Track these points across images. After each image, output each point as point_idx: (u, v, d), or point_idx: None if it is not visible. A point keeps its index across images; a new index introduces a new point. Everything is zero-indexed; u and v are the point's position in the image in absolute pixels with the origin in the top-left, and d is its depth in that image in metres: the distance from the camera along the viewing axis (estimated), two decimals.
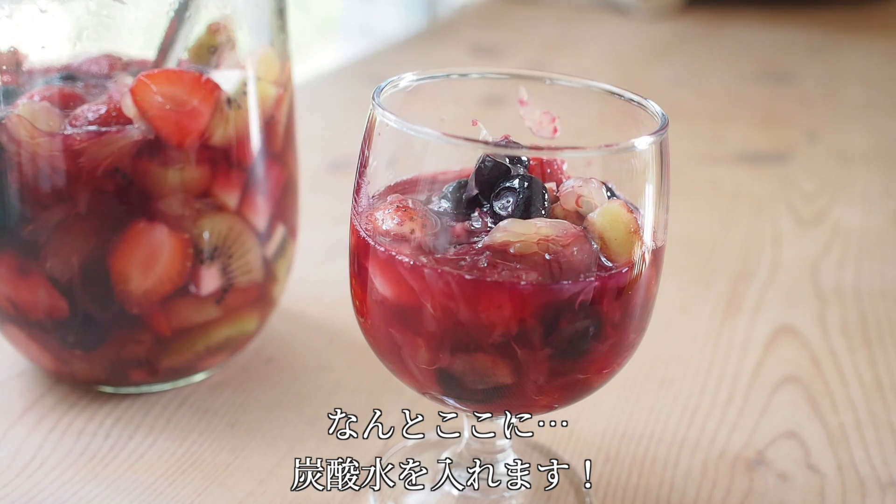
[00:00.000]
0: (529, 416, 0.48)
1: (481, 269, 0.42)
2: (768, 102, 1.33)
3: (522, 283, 0.41)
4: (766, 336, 0.73)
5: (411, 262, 0.43)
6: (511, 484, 0.54)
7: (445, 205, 0.46)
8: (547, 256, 0.42)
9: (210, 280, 0.57)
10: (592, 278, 0.42)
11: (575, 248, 0.42)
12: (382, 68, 1.39)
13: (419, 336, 0.44)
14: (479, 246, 0.43)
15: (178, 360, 0.60)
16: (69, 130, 0.52)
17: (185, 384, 0.63)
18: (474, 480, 0.54)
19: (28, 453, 0.55)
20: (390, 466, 0.56)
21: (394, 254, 0.43)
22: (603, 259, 0.43)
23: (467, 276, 0.42)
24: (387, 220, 0.44)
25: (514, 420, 0.53)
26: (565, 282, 0.42)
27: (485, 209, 0.45)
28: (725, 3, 1.88)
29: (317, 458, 0.56)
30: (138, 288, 0.55)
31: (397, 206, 0.44)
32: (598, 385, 0.48)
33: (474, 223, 0.44)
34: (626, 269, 0.44)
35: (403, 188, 0.48)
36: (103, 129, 0.52)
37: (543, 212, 0.44)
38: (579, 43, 1.61)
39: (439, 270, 0.42)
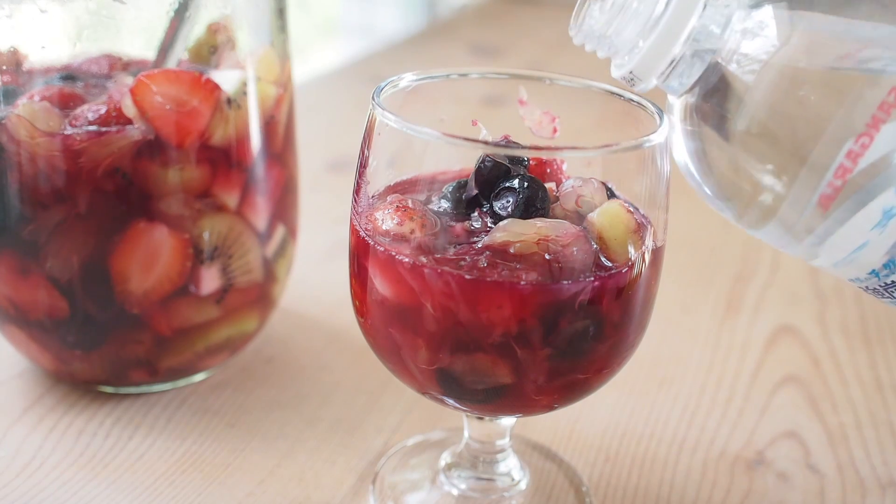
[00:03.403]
0: (529, 415, 0.48)
1: (481, 269, 0.42)
2: None
3: (522, 283, 0.41)
4: (766, 336, 0.73)
5: (411, 262, 0.43)
6: (511, 484, 0.54)
7: (445, 205, 0.46)
8: (547, 256, 0.42)
9: (210, 280, 0.57)
10: (592, 278, 0.42)
11: (575, 248, 0.42)
12: (382, 68, 1.39)
13: (419, 336, 0.44)
14: (479, 246, 0.43)
15: (178, 360, 0.60)
16: (69, 130, 0.52)
17: (185, 384, 0.63)
18: (474, 480, 0.54)
19: (28, 453, 0.55)
20: (390, 466, 0.56)
21: (394, 254, 0.43)
22: (603, 259, 0.43)
23: (467, 276, 0.42)
24: (387, 220, 0.44)
25: (514, 420, 0.53)
26: (565, 282, 0.42)
27: (485, 209, 0.45)
28: None
29: (317, 458, 0.57)
30: (138, 288, 0.55)
31: (397, 206, 0.44)
32: (598, 385, 0.48)
33: (474, 223, 0.44)
34: (625, 269, 0.44)
35: (403, 188, 0.48)
36: (103, 129, 0.52)
37: (543, 212, 0.44)
38: None
39: (439, 270, 0.42)
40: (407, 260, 0.43)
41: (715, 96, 0.41)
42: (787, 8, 0.40)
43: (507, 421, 0.52)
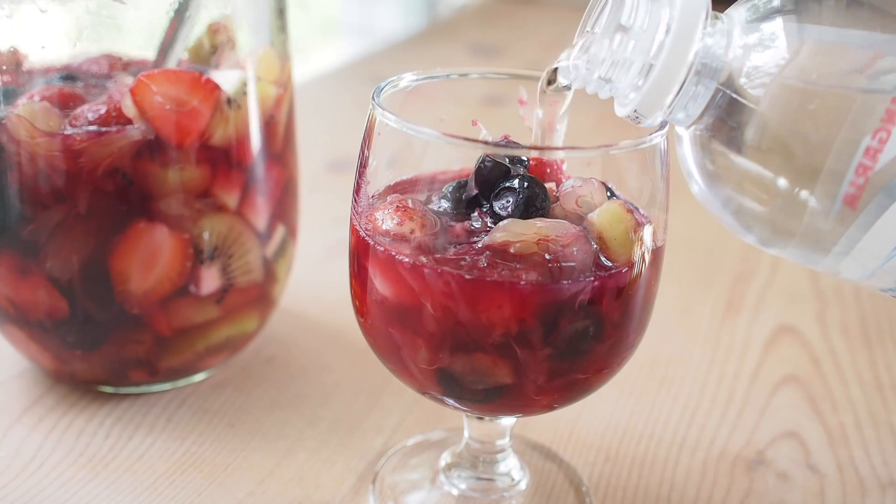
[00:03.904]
0: (529, 415, 0.48)
1: (481, 269, 0.42)
2: None
3: (522, 283, 0.41)
4: (766, 336, 0.73)
5: (411, 262, 0.43)
6: (511, 484, 0.54)
7: (445, 205, 0.46)
8: (547, 256, 0.42)
9: (210, 280, 0.57)
10: (592, 278, 0.42)
11: (575, 248, 0.42)
12: (382, 68, 1.39)
13: (419, 336, 0.44)
14: (479, 246, 0.43)
15: (178, 360, 0.60)
16: (69, 130, 0.52)
17: (185, 384, 0.63)
18: (474, 480, 0.54)
19: (28, 453, 0.55)
20: (390, 466, 0.56)
21: (394, 254, 0.43)
22: (603, 259, 0.43)
23: (467, 276, 0.42)
24: (387, 220, 0.44)
25: (514, 420, 0.53)
26: (565, 282, 0.42)
27: (485, 209, 0.45)
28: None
29: (317, 458, 0.57)
30: (138, 288, 0.55)
31: (397, 206, 0.44)
32: (598, 385, 0.48)
33: (474, 223, 0.44)
34: (625, 269, 0.44)
35: (403, 188, 0.48)
36: (103, 129, 0.52)
37: (543, 212, 0.44)
38: None
39: (439, 270, 0.42)
40: (407, 260, 0.43)
41: (724, 121, 0.41)
42: (794, 21, 0.39)
43: (507, 421, 0.52)
